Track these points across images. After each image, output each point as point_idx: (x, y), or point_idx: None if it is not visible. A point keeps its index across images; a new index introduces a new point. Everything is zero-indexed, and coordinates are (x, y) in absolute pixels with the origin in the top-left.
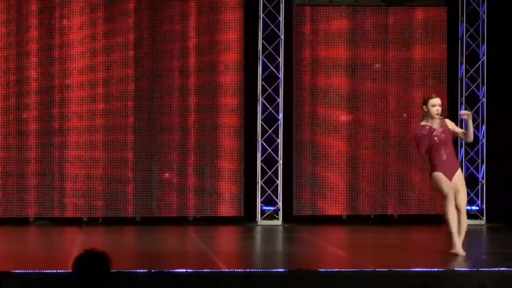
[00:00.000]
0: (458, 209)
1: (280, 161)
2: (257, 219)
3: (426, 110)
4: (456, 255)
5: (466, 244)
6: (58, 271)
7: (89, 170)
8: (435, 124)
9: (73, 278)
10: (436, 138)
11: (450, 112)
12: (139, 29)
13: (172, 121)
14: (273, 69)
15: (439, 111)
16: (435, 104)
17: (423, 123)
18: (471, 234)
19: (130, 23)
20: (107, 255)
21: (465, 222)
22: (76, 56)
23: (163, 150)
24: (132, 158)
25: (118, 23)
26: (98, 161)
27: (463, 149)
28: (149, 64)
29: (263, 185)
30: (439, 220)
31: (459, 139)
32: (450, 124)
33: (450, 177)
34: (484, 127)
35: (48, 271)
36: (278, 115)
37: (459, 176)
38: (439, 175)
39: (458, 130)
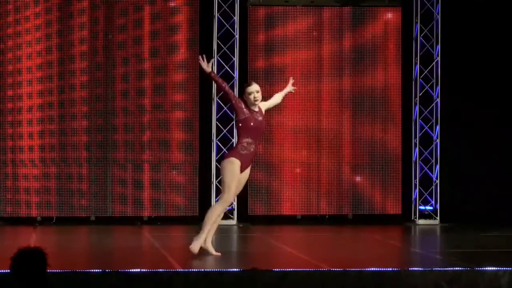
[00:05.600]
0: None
1: None
2: None
3: (245, 99)
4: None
5: (419, 243)
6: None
7: (43, 169)
8: (257, 112)
9: (12, 277)
10: (254, 123)
11: (404, 112)
12: (94, 31)
13: (127, 121)
14: (228, 69)
15: (258, 98)
16: (252, 91)
17: (244, 108)
18: (425, 233)
19: (85, 20)
20: (43, 252)
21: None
22: (30, 57)
23: (117, 150)
24: (85, 156)
25: (73, 22)
26: (52, 160)
27: (417, 149)
28: (104, 62)
29: (218, 184)
30: (394, 220)
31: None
32: (264, 106)
33: (242, 170)
34: (438, 127)
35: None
36: (233, 115)
37: (247, 172)
38: (237, 166)
39: (273, 99)
